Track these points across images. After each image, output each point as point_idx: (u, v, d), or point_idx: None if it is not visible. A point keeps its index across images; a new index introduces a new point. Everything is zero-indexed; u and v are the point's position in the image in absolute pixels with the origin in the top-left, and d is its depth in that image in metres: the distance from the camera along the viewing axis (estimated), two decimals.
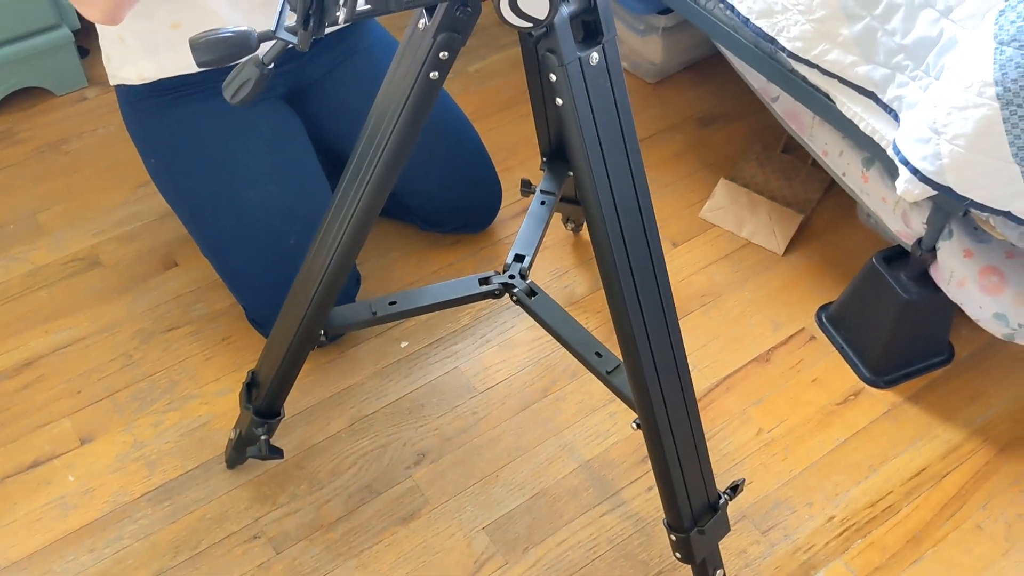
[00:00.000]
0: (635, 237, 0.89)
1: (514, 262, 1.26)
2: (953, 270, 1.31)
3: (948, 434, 1.40)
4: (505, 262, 1.26)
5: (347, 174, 0.98)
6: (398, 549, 1.27)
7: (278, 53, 0.81)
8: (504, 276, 1.24)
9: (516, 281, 1.24)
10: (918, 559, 1.28)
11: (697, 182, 1.74)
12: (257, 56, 0.82)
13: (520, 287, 1.23)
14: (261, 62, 0.82)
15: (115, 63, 1.37)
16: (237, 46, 0.81)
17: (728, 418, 1.42)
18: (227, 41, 0.80)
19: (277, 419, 1.23)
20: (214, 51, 0.81)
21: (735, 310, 1.55)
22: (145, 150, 1.46)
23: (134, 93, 1.40)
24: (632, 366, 0.96)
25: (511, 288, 1.24)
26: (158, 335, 1.50)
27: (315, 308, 1.08)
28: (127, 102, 1.43)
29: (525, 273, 1.24)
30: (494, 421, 1.41)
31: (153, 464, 1.35)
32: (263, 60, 0.82)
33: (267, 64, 0.82)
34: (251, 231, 1.39)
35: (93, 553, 1.26)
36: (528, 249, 1.28)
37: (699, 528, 1.08)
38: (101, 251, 1.62)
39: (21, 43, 1.80)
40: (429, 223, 1.60)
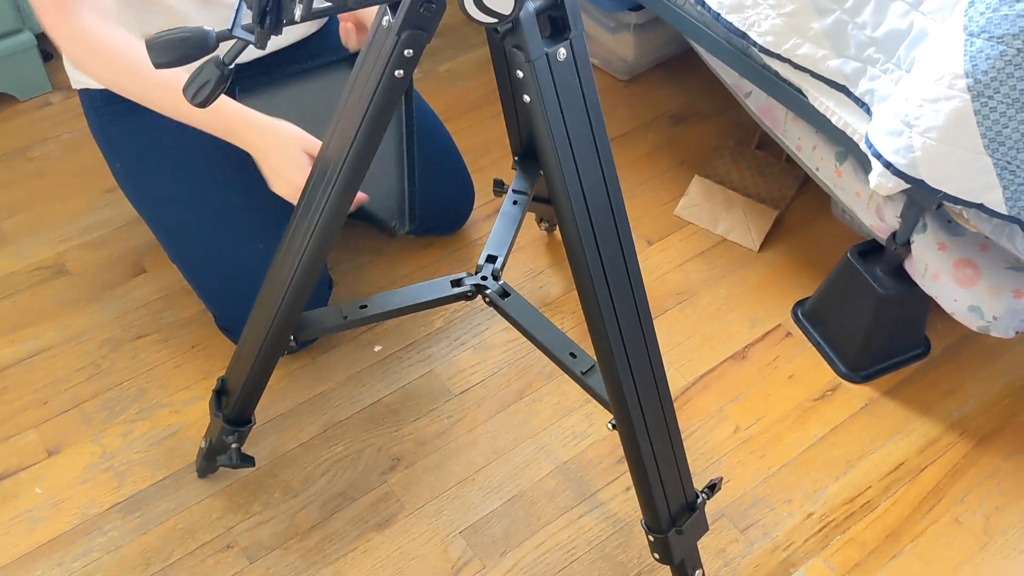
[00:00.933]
0: (607, 235, 0.88)
1: (486, 263, 1.24)
2: (928, 263, 1.31)
3: (925, 428, 1.40)
4: (477, 263, 1.24)
5: (313, 175, 0.96)
6: (374, 556, 1.25)
7: (239, 52, 0.79)
8: (476, 277, 1.23)
9: (489, 282, 1.22)
10: (897, 554, 1.27)
11: (671, 180, 1.73)
12: (218, 56, 0.80)
13: (493, 288, 1.22)
14: (222, 62, 0.80)
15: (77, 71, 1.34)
16: (195, 46, 0.79)
17: (705, 416, 1.41)
18: (185, 41, 0.78)
19: (248, 427, 1.21)
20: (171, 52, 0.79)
21: (711, 307, 1.54)
22: (110, 155, 1.43)
23: (98, 98, 1.38)
24: (606, 366, 0.95)
25: (484, 290, 1.22)
26: (126, 343, 1.47)
27: (284, 313, 1.06)
28: (91, 107, 1.41)
29: (498, 274, 1.23)
30: (469, 424, 1.39)
31: (123, 475, 1.33)
32: (223, 60, 0.80)
33: (228, 64, 0.80)
34: (217, 236, 1.37)
35: (62, 567, 1.24)
36: (500, 250, 1.26)
37: (677, 528, 1.07)
38: (67, 259, 1.59)
39: None
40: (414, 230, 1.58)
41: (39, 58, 1.84)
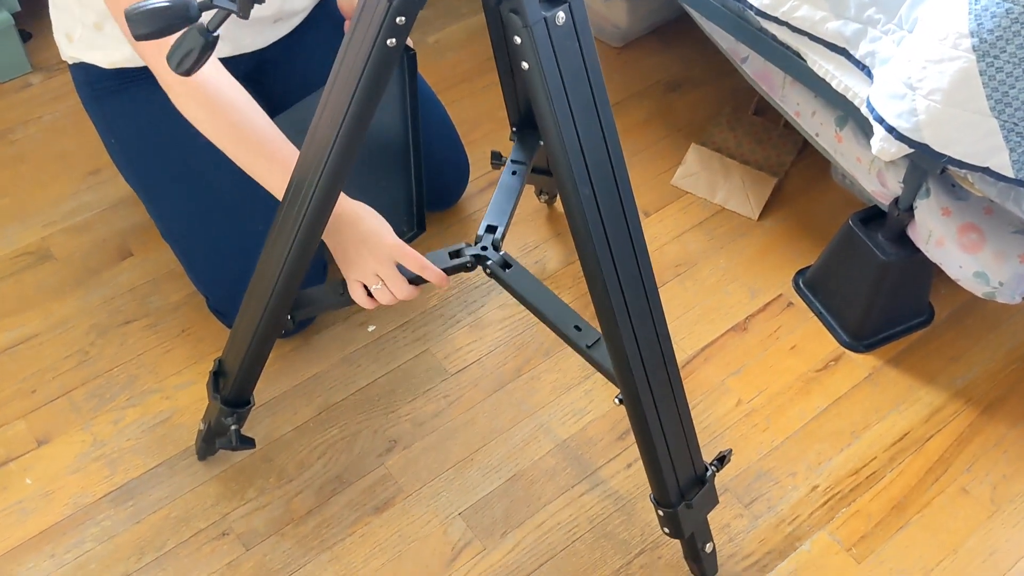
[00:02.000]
0: (610, 205, 0.85)
1: (486, 233, 1.20)
2: (931, 229, 1.28)
3: (930, 397, 1.38)
4: (477, 234, 1.20)
5: (306, 153, 0.93)
6: (372, 539, 1.23)
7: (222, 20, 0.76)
8: (476, 248, 1.18)
9: (489, 253, 1.18)
10: (904, 525, 1.25)
11: (667, 149, 1.69)
12: (201, 23, 0.77)
13: (494, 259, 1.18)
14: (206, 29, 0.76)
15: (80, 46, 1.30)
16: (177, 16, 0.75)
17: (707, 390, 1.38)
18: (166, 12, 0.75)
19: (247, 408, 1.18)
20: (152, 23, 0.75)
21: (710, 279, 1.52)
22: (105, 130, 1.40)
23: (95, 74, 1.34)
24: (612, 339, 0.93)
25: (484, 260, 1.18)
26: (114, 329, 1.44)
27: (279, 292, 1.03)
28: (85, 82, 1.36)
29: (498, 244, 1.19)
30: (467, 404, 1.36)
31: (114, 463, 1.30)
32: (207, 27, 0.76)
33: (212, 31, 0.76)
34: (212, 216, 1.33)
35: (54, 559, 1.21)
36: (501, 219, 1.22)
37: (687, 502, 1.05)
38: (52, 244, 1.55)
39: None
40: None
41: (18, 38, 1.79)
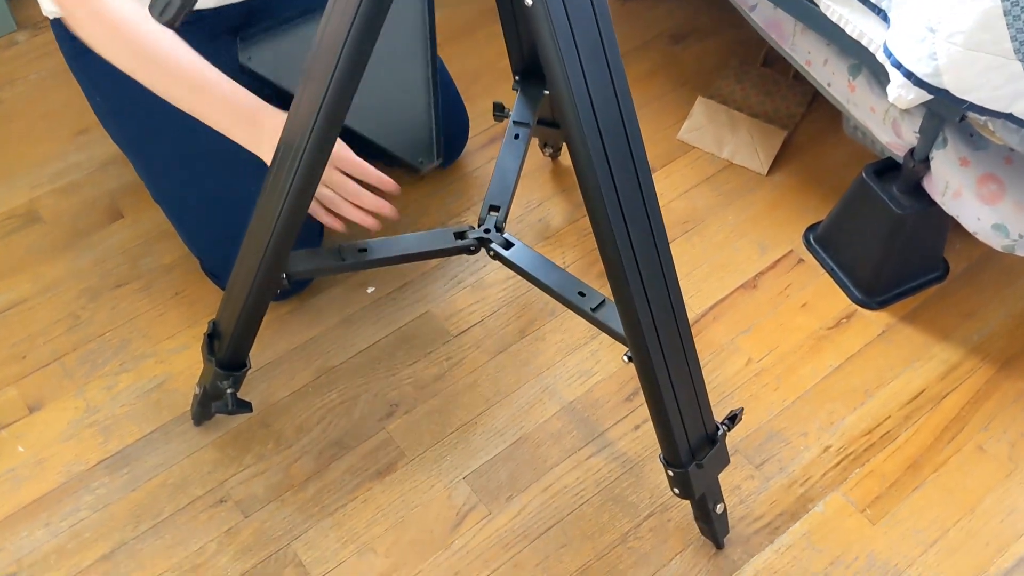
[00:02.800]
0: (619, 154, 0.81)
1: (489, 214, 1.17)
2: (948, 180, 1.24)
3: (945, 353, 1.34)
4: (480, 216, 1.17)
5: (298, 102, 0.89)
6: (374, 505, 1.20)
7: None
8: (479, 231, 1.16)
9: (492, 235, 1.15)
10: (919, 485, 1.22)
11: (673, 102, 1.64)
12: None
13: (497, 240, 1.15)
14: None
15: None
16: None
17: (716, 349, 1.35)
18: None
19: (243, 371, 1.14)
20: None
21: (719, 235, 1.47)
22: (89, 88, 1.35)
23: None
24: (620, 295, 0.89)
25: (487, 243, 1.15)
26: (106, 292, 1.40)
27: (273, 250, 0.99)
28: (68, 38, 1.31)
29: (501, 226, 1.16)
30: (470, 366, 1.33)
31: (108, 430, 1.27)
32: None
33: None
34: (203, 176, 1.29)
35: (48, 527, 1.18)
36: (503, 198, 1.19)
37: (697, 462, 1.02)
38: (40, 205, 1.51)
39: None
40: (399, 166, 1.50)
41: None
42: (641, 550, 1.17)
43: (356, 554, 1.16)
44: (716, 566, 1.15)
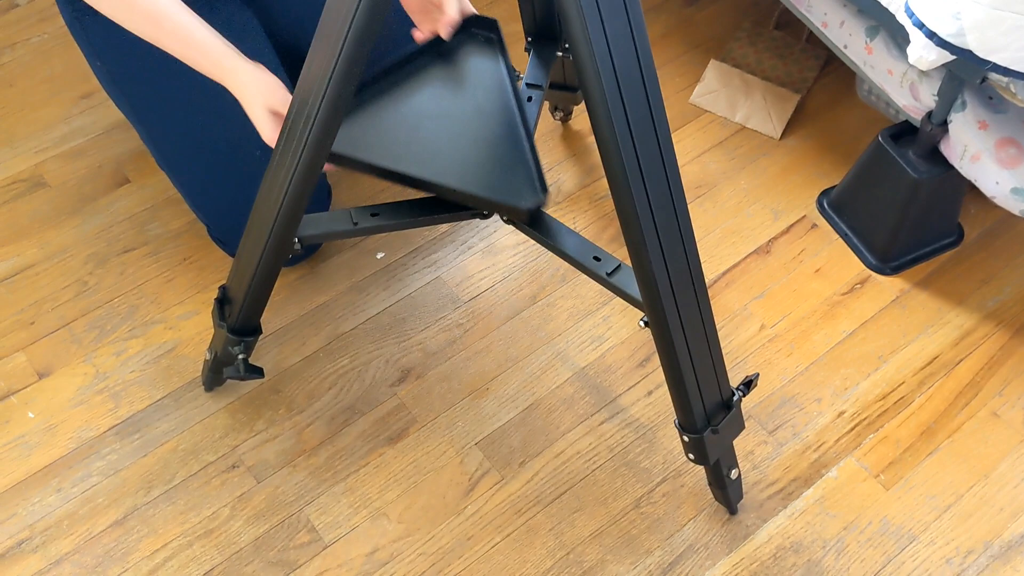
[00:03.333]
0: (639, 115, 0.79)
1: None
2: (967, 144, 1.22)
3: (960, 319, 1.33)
4: None
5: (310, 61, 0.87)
6: (387, 470, 1.20)
7: None
8: None
9: None
10: (933, 451, 1.22)
11: (685, 65, 1.62)
12: None
13: None
14: None
15: None
16: None
17: (729, 315, 1.34)
18: None
19: (255, 336, 1.14)
20: None
21: (731, 200, 1.46)
22: (91, 54, 1.33)
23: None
24: (638, 258, 0.87)
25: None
26: (113, 258, 1.39)
27: (285, 215, 0.98)
28: (67, 2, 1.29)
29: None
30: (481, 332, 1.32)
31: (118, 395, 1.26)
32: None
33: None
34: (209, 141, 1.27)
35: (60, 493, 1.18)
36: None
37: (713, 427, 1.01)
38: (45, 170, 1.49)
39: None
40: None
41: None
42: (654, 515, 1.16)
43: (369, 519, 1.16)
44: (729, 531, 1.15)
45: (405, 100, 1.12)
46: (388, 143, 1.08)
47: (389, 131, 1.09)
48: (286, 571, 1.12)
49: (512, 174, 1.05)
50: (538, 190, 1.02)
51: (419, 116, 1.10)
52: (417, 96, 1.12)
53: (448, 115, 1.09)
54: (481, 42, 1.15)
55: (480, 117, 1.10)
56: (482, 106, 1.10)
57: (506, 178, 1.05)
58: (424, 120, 1.09)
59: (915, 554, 1.14)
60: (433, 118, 1.09)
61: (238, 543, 1.14)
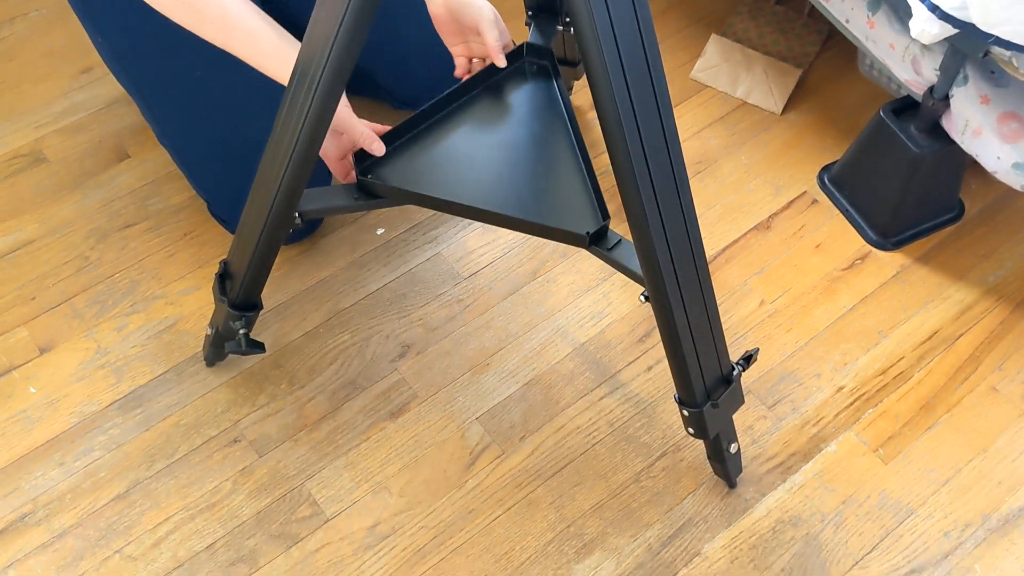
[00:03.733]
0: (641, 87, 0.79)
1: None
2: (968, 119, 1.22)
3: (960, 294, 1.33)
4: None
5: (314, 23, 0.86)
6: (388, 445, 1.20)
7: None
8: None
9: None
10: (932, 425, 1.22)
11: (686, 40, 1.61)
12: None
13: None
14: None
15: None
16: None
17: (729, 291, 1.34)
18: None
19: (256, 311, 1.14)
20: None
21: (732, 176, 1.46)
22: (91, 29, 1.32)
23: None
24: (640, 234, 0.87)
25: None
26: (114, 233, 1.39)
27: (286, 189, 0.98)
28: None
29: None
30: (481, 308, 1.32)
31: (120, 370, 1.26)
32: None
33: None
34: (210, 118, 1.27)
35: (63, 467, 1.19)
36: None
37: (713, 402, 1.02)
38: (45, 145, 1.49)
39: None
40: (403, 100, 1.47)
41: None
42: (654, 489, 1.17)
43: (370, 493, 1.17)
44: (728, 505, 1.16)
45: (459, 131, 1.11)
46: (442, 174, 1.07)
47: (443, 162, 1.09)
48: (288, 544, 1.13)
49: (570, 200, 1.05)
50: (597, 217, 1.02)
51: (474, 146, 1.10)
52: (470, 127, 1.12)
53: (503, 144, 1.09)
54: (535, 70, 1.15)
55: (535, 145, 1.10)
56: (537, 133, 1.10)
57: (564, 204, 1.05)
58: (479, 150, 1.09)
59: (913, 527, 1.14)
60: (487, 148, 1.09)
61: (240, 516, 1.15)
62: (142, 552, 1.12)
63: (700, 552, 1.13)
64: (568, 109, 1.11)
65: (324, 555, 1.12)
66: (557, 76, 1.15)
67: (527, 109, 1.12)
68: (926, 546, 1.13)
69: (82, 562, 1.12)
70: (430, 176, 1.07)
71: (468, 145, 1.09)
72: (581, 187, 1.05)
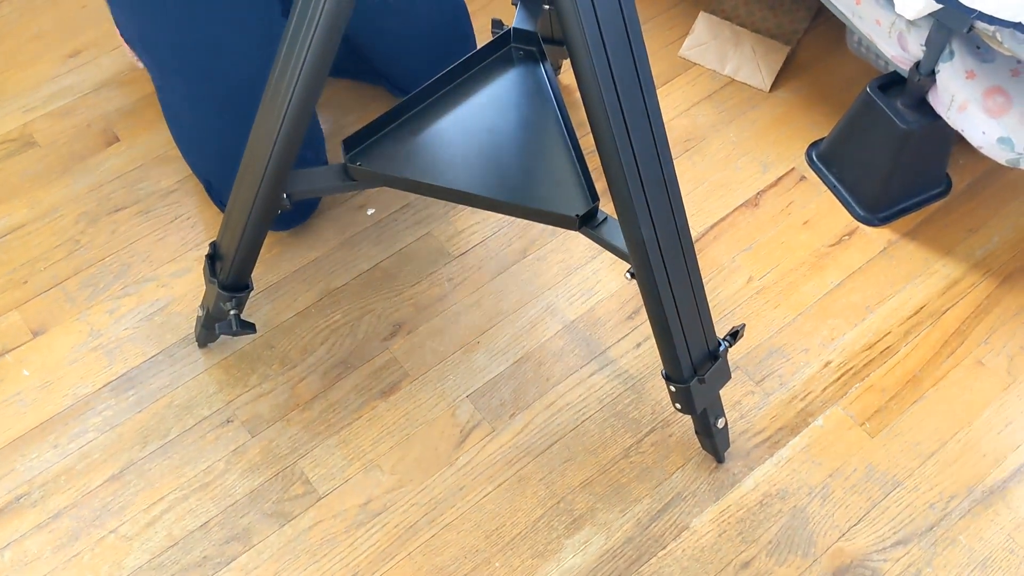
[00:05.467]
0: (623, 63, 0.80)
1: None
2: (954, 94, 1.22)
3: (947, 269, 1.34)
4: None
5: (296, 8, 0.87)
6: (380, 423, 1.21)
7: None
8: None
9: None
10: (918, 399, 1.24)
11: (675, 18, 1.61)
12: None
13: None
14: None
15: None
16: None
17: (716, 268, 1.35)
18: None
19: (246, 292, 1.14)
20: None
21: (720, 153, 1.46)
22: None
23: None
24: (624, 211, 0.88)
25: None
26: (104, 217, 1.40)
27: (274, 167, 0.98)
28: None
29: None
30: (471, 287, 1.33)
31: (112, 353, 1.27)
32: None
33: None
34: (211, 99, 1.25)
35: (57, 448, 1.19)
36: None
37: (699, 377, 1.03)
38: (34, 129, 1.49)
39: None
40: (401, 87, 1.47)
41: None
42: (643, 464, 1.18)
43: (362, 471, 1.18)
44: (717, 479, 1.17)
45: (447, 117, 1.11)
46: (431, 160, 1.07)
47: (432, 148, 1.09)
48: (281, 522, 1.14)
49: (559, 182, 1.05)
50: (587, 199, 1.03)
51: (462, 132, 1.10)
52: (459, 113, 1.11)
53: (491, 129, 1.09)
54: (521, 55, 1.16)
55: (524, 129, 1.10)
56: (526, 117, 1.11)
57: (553, 187, 1.05)
58: (467, 135, 1.09)
59: (899, 499, 1.16)
60: (476, 133, 1.09)
61: (234, 495, 1.16)
62: (136, 531, 1.14)
63: (688, 526, 1.14)
64: (556, 93, 1.12)
65: (317, 532, 1.14)
66: (544, 60, 1.15)
67: (515, 94, 1.13)
68: (912, 518, 1.15)
69: (77, 542, 1.13)
70: (419, 162, 1.07)
71: (457, 131, 1.10)
72: (570, 169, 1.05)
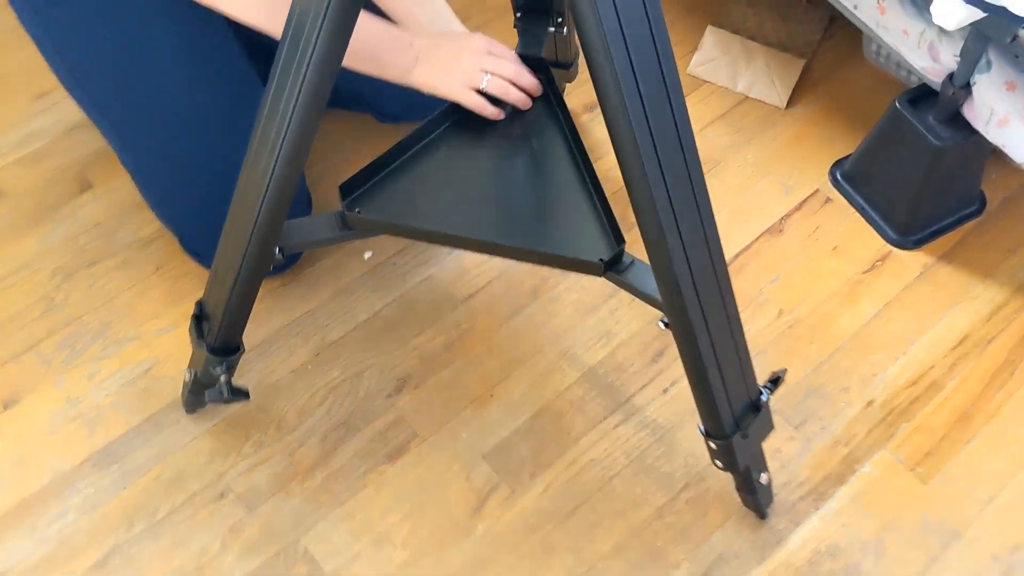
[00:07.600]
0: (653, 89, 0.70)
1: None
2: (993, 107, 1.13)
3: (989, 293, 1.25)
4: None
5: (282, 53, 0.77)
6: (389, 490, 1.11)
7: None
8: None
9: None
10: (971, 439, 1.14)
11: (681, 33, 1.52)
12: None
13: None
14: None
15: None
16: None
17: (743, 302, 1.25)
18: None
19: (237, 354, 1.05)
20: None
21: (739, 176, 1.37)
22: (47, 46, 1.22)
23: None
24: (658, 256, 0.79)
25: None
26: (81, 271, 1.29)
27: (264, 221, 0.89)
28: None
29: None
30: (481, 333, 1.23)
31: (93, 422, 1.17)
32: None
33: None
34: (174, 138, 1.17)
35: (35, 533, 1.09)
36: None
37: (742, 431, 0.93)
38: (2, 179, 1.39)
39: None
40: (387, 114, 1.38)
41: None
42: (679, 525, 1.09)
43: (371, 546, 1.08)
44: (760, 538, 1.08)
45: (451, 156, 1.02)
46: (437, 204, 0.98)
47: (437, 191, 0.99)
48: None
49: (579, 223, 0.96)
50: (611, 239, 0.93)
51: (468, 171, 1.00)
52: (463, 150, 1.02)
53: (500, 167, 1.01)
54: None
55: (535, 164, 1.01)
56: (536, 152, 1.02)
57: (573, 229, 0.96)
58: (474, 175, 1.00)
59: (960, 552, 1.06)
60: (483, 172, 1.00)
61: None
62: None
63: None
64: (568, 122, 1.02)
65: None
66: (553, 86, 1.06)
67: (523, 126, 1.03)
68: (975, 573, 1.05)
69: None
70: (423, 206, 0.98)
71: (462, 170, 1.00)
72: (590, 208, 0.96)
